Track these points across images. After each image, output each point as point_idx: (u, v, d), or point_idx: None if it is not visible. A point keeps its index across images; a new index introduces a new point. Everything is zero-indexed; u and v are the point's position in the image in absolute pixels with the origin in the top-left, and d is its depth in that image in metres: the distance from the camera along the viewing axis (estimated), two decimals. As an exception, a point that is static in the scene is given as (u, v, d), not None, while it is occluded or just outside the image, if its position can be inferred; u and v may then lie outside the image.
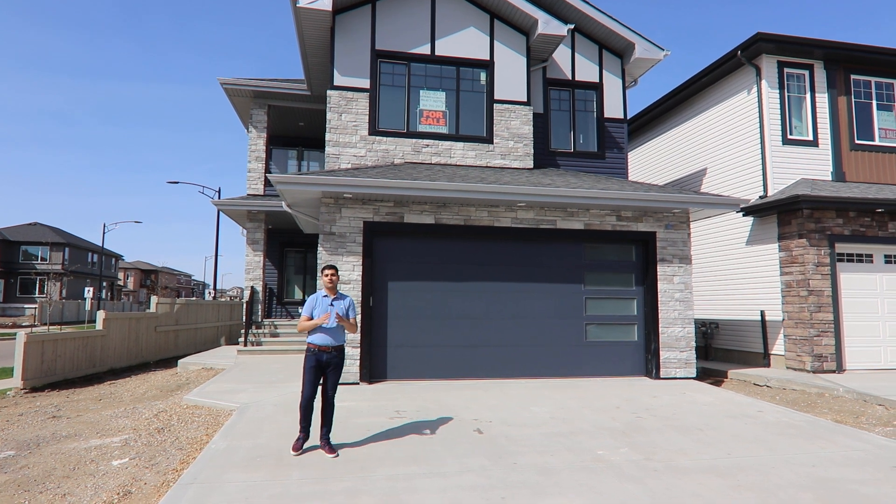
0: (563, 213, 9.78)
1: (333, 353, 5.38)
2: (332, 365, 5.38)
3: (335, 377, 5.42)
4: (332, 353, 5.37)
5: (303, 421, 5.30)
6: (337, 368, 5.42)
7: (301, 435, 5.29)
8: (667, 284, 9.89)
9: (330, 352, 5.36)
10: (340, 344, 5.46)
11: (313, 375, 5.33)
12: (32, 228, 51.02)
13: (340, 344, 5.46)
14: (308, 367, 5.34)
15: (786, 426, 6.54)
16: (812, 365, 10.42)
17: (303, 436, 5.29)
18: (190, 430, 6.60)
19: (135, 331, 14.65)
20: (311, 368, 5.33)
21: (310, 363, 5.34)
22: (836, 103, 11.95)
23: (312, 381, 5.33)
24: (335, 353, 5.39)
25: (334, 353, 5.39)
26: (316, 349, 5.35)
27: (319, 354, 5.34)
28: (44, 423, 7.45)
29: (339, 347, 5.44)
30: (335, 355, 5.39)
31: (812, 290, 10.62)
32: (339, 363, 5.43)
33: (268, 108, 15.39)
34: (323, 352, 5.34)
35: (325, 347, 5.35)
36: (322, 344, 5.34)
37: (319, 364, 5.34)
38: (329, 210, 9.06)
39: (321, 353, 5.34)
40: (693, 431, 6.25)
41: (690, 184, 14.14)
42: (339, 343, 5.45)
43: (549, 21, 10.93)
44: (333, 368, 5.40)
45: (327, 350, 5.35)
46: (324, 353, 5.34)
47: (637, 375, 9.82)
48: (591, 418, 6.82)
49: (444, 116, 11.00)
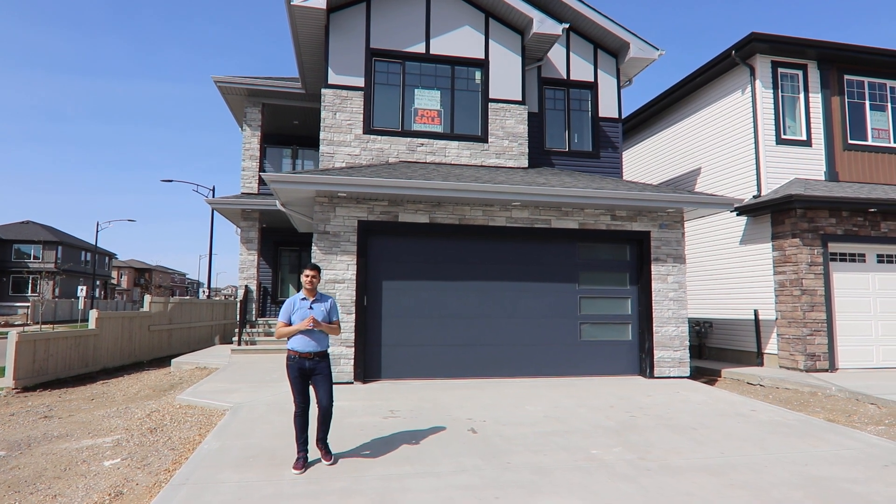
0: (557, 213, 9.78)
1: (317, 360, 4.95)
2: (317, 371, 4.94)
3: (325, 385, 4.96)
4: (314, 359, 4.93)
5: (298, 437, 4.89)
6: (324, 375, 4.97)
7: (300, 455, 4.85)
8: (661, 284, 9.91)
9: (312, 358, 4.92)
10: (324, 349, 5.01)
11: (300, 385, 4.94)
12: (25, 227, 50.70)
13: (324, 349, 5.01)
14: (292, 378, 4.93)
15: (778, 425, 6.57)
16: (805, 364, 10.46)
17: (302, 455, 4.85)
18: (183, 430, 6.57)
19: (128, 330, 14.56)
20: (296, 378, 4.93)
21: (293, 373, 4.93)
22: (830, 103, 12.00)
23: (301, 391, 4.94)
24: (318, 359, 4.96)
25: (317, 358, 4.95)
26: (297, 356, 4.92)
27: (301, 362, 4.92)
28: (35, 424, 7.40)
29: (322, 353, 4.99)
30: (318, 361, 4.96)
31: (805, 289, 10.66)
32: (324, 369, 4.99)
33: (262, 107, 15.34)
34: (305, 358, 4.91)
35: (307, 354, 4.92)
36: (303, 350, 4.91)
37: (303, 372, 4.93)
38: (323, 209, 9.03)
39: (303, 360, 4.91)
40: (687, 430, 6.26)
41: (685, 183, 14.17)
42: (323, 348, 5.00)
43: (543, 20, 10.92)
44: (320, 375, 4.96)
45: (309, 356, 4.92)
46: (305, 359, 4.91)
47: (631, 374, 9.84)
48: (586, 417, 6.83)
49: (439, 115, 10.98)
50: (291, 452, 4.95)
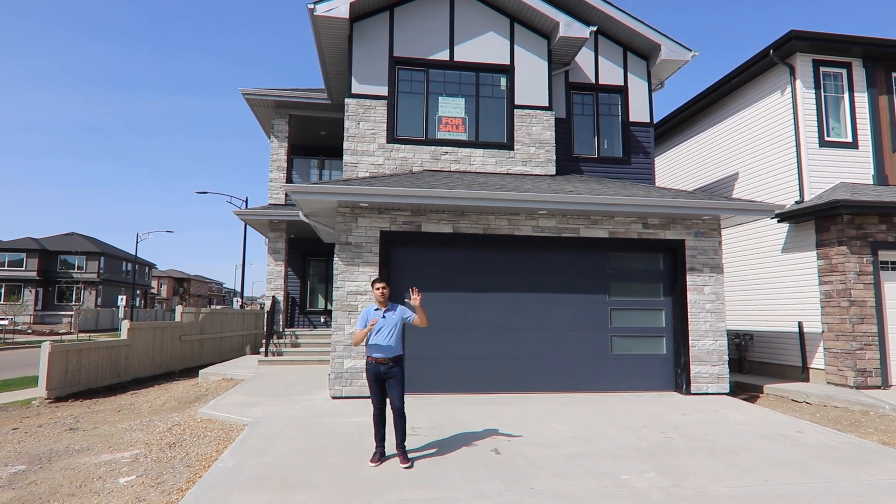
0: (586, 221, 9.43)
1: (390, 364, 5.53)
2: (390, 376, 5.53)
3: (397, 388, 5.54)
4: (388, 363, 5.52)
5: (376, 434, 5.53)
6: (396, 380, 5.55)
7: (377, 449, 5.46)
8: (697, 295, 9.44)
9: (387, 363, 5.52)
10: (397, 355, 5.60)
11: (376, 388, 5.56)
12: (70, 238, 52.57)
13: (397, 355, 5.60)
14: (369, 382, 5.60)
15: (828, 449, 6.08)
16: (855, 380, 9.81)
17: (379, 449, 5.45)
18: (201, 445, 6.47)
19: (159, 340, 14.75)
20: (372, 382, 5.57)
21: (370, 377, 5.59)
22: (877, 103, 11.34)
23: (377, 394, 5.56)
24: (392, 364, 5.54)
25: (391, 363, 5.53)
26: (373, 362, 5.56)
27: (377, 367, 5.53)
28: (60, 436, 7.42)
29: (395, 359, 5.57)
30: (392, 366, 5.54)
31: (854, 300, 10.02)
32: (397, 374, 5.56)
33: (289, 118, 15.42)
34: (379, 364, 5.52)
35: (382, 360, 5.52)
36: (378, 356, 5.54)
37: (378, 376, 5.53)
38: (345, 219, 8.91)
39: (378, 365, 5.53)
40: (727, 454, 5.84)
41: (721, 189, 13.61)
42: (396, 354, 5.58)
43: (570, 24, 10.64)
44: (393, 380, 5.54)
45: (383, 362, 5.52)
46: (380, 364, 5.52)
47: (666, 391, 9.38)
48: (616, 438, 6.46)
49: (464, 123, 10.78)
50: (305, 474, 4.75)
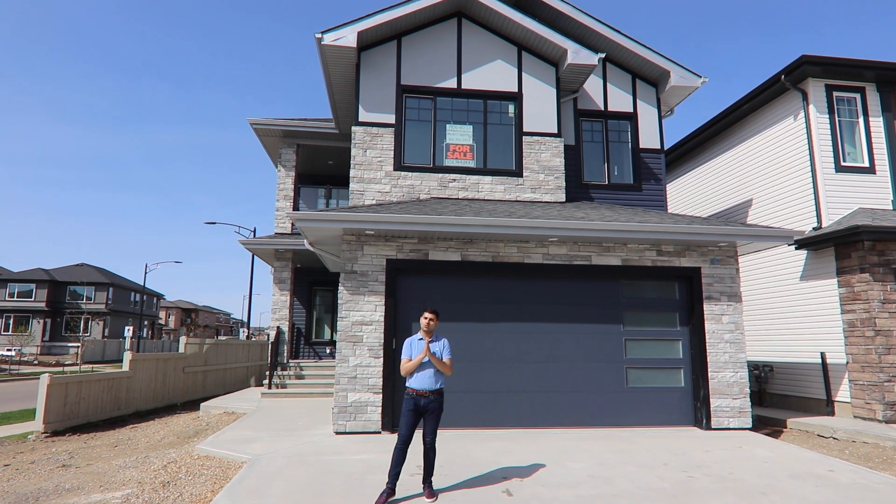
0: (598, 249, 9.17)
1: (431, 398, 5.41)
2: (430, 410, 5.40)
3: (433, 423, 5.43)
4: (429, 397, 5.40)
5: (392, 470, 5.22)
6: (435, 413, 5.44)
7: (388, 486, 5.18)
8: (715, 325, 9.09)
9: (427, 396, 5.39)
10: (439, 388, 5.48)
11: (411, 419, 5.37)
12: (79, 269, 52.82)
13: (439, 388, 5.48)
14: (406, 411, 5.41)
15: (863, 489, 5.67)
16: (884, 414, 9.34)
17: (389, 487, 5.17)
18: (196, 484, 6.14)
19: (162, 372, 14.48)
20: (409, 412, 5.38)
21: (408, 406, 5.41)
22: (893, 127, 11.13)
23: (410, 425, 5.36)
24: (433, 398, 5.42)
25: (432, 397, 5.41)
26: (414, 393, 5.41)
27: (417, 399, 5.39)
28: (51, 473, 7.11)
29: (437, 391, 5.45)
30: (433, 399, 5.42)
31: (879, 329, 9.62)
32: (437, 408, 5.45)
33: (296, 147, 15.41)
34: (421, 396, 5.38)
35: (423, 392, 5.39)
36: (419, 388, 5.39)
37: (417, 408, 5.38)
38: (350, 248, 8.70)
39: (419, 397, 5.39)
40: (754, 495, 5.44)
41: (735, 216, 13.33)
42: (437, 387, 5.46)
43: (578, 51, 10.58)
44: (431, 413, 5.42)
45: (424, 395, 5.38)
46: (421, 397, 5.38)
47: (685, 425, 8.95)
48: (635, 477, 6.07)
49: (472, 150, 10.65)
50: (302, 518, 4.40)
